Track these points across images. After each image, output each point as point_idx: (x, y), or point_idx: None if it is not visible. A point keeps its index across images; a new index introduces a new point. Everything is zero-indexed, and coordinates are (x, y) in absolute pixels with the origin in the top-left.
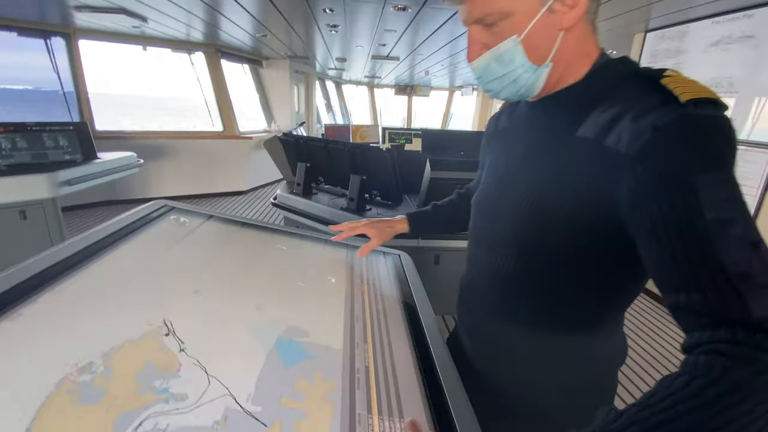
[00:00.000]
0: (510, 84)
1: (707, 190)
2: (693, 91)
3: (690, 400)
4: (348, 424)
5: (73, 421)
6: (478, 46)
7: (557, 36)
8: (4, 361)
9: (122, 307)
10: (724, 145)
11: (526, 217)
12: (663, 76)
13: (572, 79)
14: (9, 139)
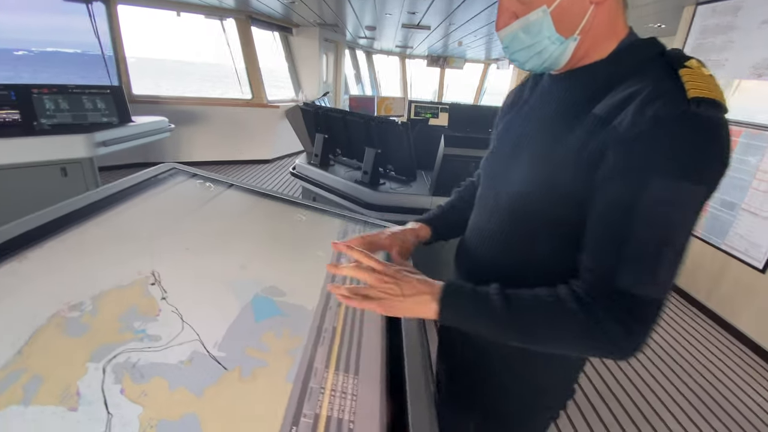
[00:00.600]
0: (535, 55)
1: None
2: (703, 89)
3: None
4: (303, 375)
5: (58, 348)
6: (507, 14)
7: (587, 10)
8: (7, 295)
9: (117, 257)
10: (708, 154)
11: (523, 191)
12: (683, 66)
13: (597, 55)
14: (52, 100)
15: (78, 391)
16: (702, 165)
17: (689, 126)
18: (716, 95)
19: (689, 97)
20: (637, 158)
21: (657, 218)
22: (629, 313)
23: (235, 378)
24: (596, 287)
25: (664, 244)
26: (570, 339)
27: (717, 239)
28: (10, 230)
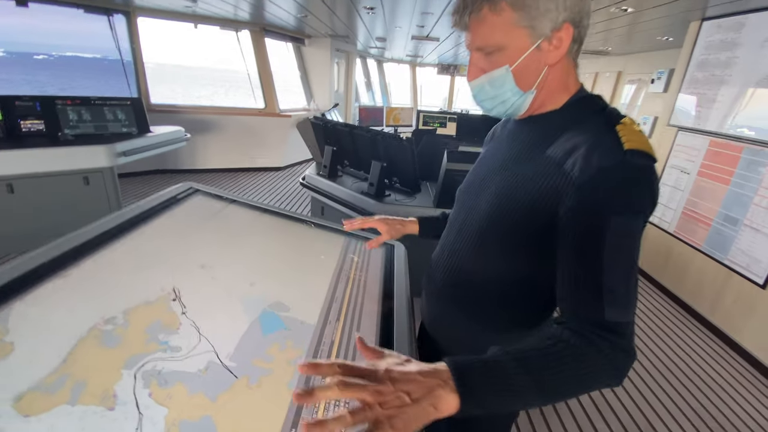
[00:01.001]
0: (500, 104)
1: (614, 232)
2: (635, 142)
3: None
4: (303, 383)
5: (97, 356)
6: (476, 68)
7: (542, 69)
8: (54, 308)
9: (143, 274)
10: (645, 192)
11: (492, 211)
12: (619, 122)
13: (552, 106)
14: (75, 112)
15: (114, 393)
16: (640, 201)
17: (627, 172)
18: (646, 147)
19: (625, 149)
20: (592, 202)
21: (617, 251)
22: (622, 339)
23: (244, 385)
24: (591, 322)
25: (629, 271)
26: (590, 379)
27: (720, 254)
28: (51, 250)
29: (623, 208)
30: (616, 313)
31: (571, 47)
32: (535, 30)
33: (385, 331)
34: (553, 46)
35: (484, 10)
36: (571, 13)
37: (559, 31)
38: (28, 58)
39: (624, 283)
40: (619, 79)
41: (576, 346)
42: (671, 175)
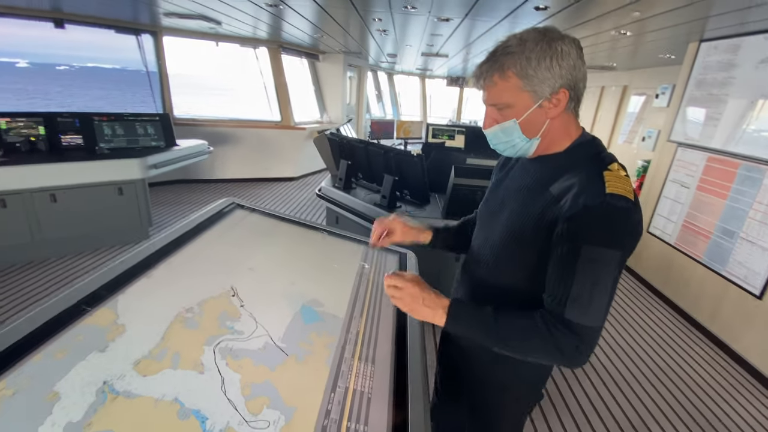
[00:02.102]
0: (510, 147)
1: (587, 256)
2: (617, 187)
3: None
4: (338, 361)
5: (184, 336)
6: (490, 119)
7: (545, 122)
8: (147, 300)
9: (206, 275)
10: (619, 229)
11: (505, 234)
12: (607, 168)
13: (556, 149)
14: (110, 127)
15: (202, 362)
16: (614, 237)
17: (605, 211)
18: (625, 192)
19: (607, 192)
20: (573, 231)
21: (587, 271)
22: (575, 335)
23: (293, 361)
24: (555, 315)
25: (593, 288)
26: (536, 348)
27: (718, 265)
28: (136, 256)
29: (597, 240)
30: (574, 314)
31: (569, 105)
32: (537, 93)
33: (401, 324)
34: (553, 104)
35: (495, 77)
36: (567, 81)
37: (557, 94)
38: (50, 68)
39: (587, 295)
40: (625, 93)
41: (536, 325)
42: (671, 189)
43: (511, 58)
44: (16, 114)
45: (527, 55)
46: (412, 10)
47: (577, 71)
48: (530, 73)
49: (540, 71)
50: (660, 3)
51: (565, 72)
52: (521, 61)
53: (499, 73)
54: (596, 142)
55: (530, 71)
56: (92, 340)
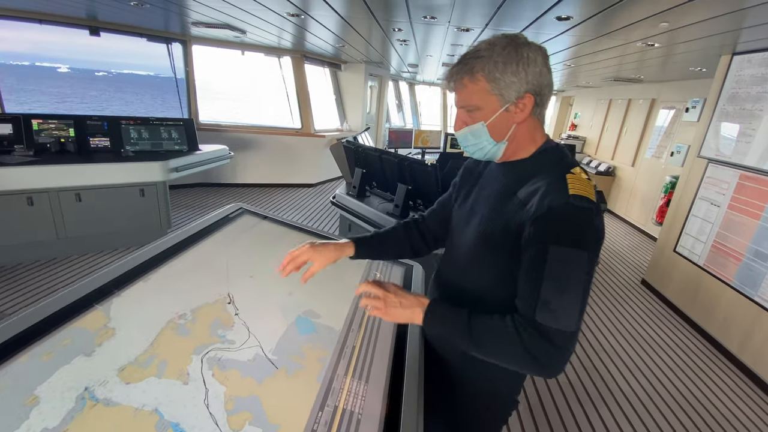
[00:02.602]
0: (479, 150)
1: (554, 257)
2: (579, 189)
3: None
4: (329, 377)
5: (174, 343)
6: (461, 121)
7: (511, 126)
8: (141, 304)
9: (204, 281)
10: (583, 229)
11: (476, 239)
12: (570, 172)
13: (522, 154)
14: (136, 130)
15: (188, 372)
16: (579, 237)
17: (569, 211)
18: (586, 193)
19: (570, 193)
20: (539, 232)
21: (556, 273)
22: (546, 340)
23: (282, 374)
24: (526, 319)
25: (563, 291)
26: (509, 353)
27: (750, 290)
28: (137, 258)
29: (563, 240)
30: (545, 317)
31: (534, 110)
32: (504, 97)
33: (400, 340)
34: (519, 109)
35: (464, 79)
36: (532, 86)
37: (522, 98)
38: (90, 74)
39: (557, 298)
40: (653, 106)
41: (507, 328)
42: (701, 207)
43: (480, 62)
44: (48, 116)
45: (495, 59)
46: (432, 20)
47: (542, 78)
48: (497, 76)
49: (507, 75)
50: (690, 14)
51: (531, 77)
52: (489, 64)
53: (469, 75)
54: (560, 148)
55: (497, 74)
56: (80, 344)
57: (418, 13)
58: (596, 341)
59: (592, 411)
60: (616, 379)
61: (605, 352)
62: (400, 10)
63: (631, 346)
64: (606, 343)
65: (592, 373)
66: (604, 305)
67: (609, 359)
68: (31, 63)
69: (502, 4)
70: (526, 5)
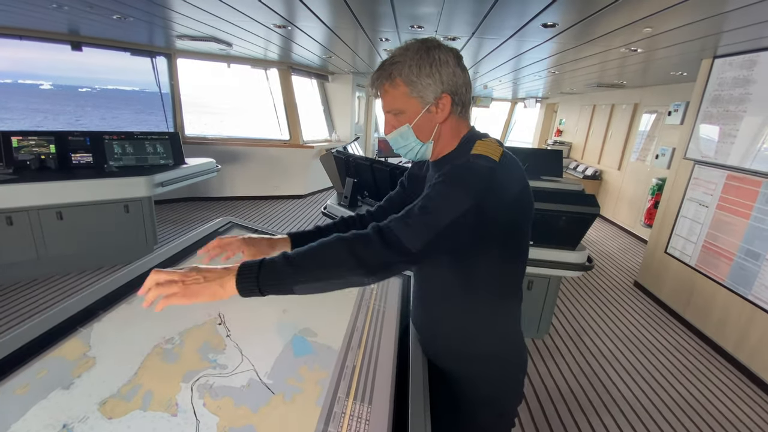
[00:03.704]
0: (409, 151)
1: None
2: (479, 150)
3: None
4: (330, 401)
5: (161, 371)
6: (389, 125)
7: (435, 126)
8: (124, 330)
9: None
10: (475, 178)
11: None
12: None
13: (449, 149)
14: (120, 145)
15: (176, 402)
16: (466, 181)
17: (466, 167)
18: (488, 153)
19: (471, 153)
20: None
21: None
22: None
23: (279, 400)
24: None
25: (424, 211)
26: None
27: (743, 289)
28: (119, 279)
29: (449, 179)
30: (396, 224)
31: (454, 109)
32: (423, 99)
33: (403, 357)
34: (439, 109)
35: (385, 85)
36: (448, 86)
37: (440, 99)
38: (74, 90)
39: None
40: (636, 111)
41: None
42: (690, 208)
43: (397, 67)
44: (27, 132)
45: (409, 64)
46: (418, 29)
47: (456, 78)
48: (414, 79)
49: (422, 78)
50: (672, 18)
51: (445, 78)
52: (405, 69)
53: (389, 81)
54: (480, 133)
55: (413, 78)
56: (57, 375)
57: (405, 22)
58: (594, 346)
59: (594, 417)
60: (617, 383)
61: (604, 357)
62: (387, 20)
63: (629, 350)
64: (604, 347)
65: (593, 378)
66: (599, 308)
67: (608, 364)
68: (14, 81)
69: (488, 13)
70: (512, 13)
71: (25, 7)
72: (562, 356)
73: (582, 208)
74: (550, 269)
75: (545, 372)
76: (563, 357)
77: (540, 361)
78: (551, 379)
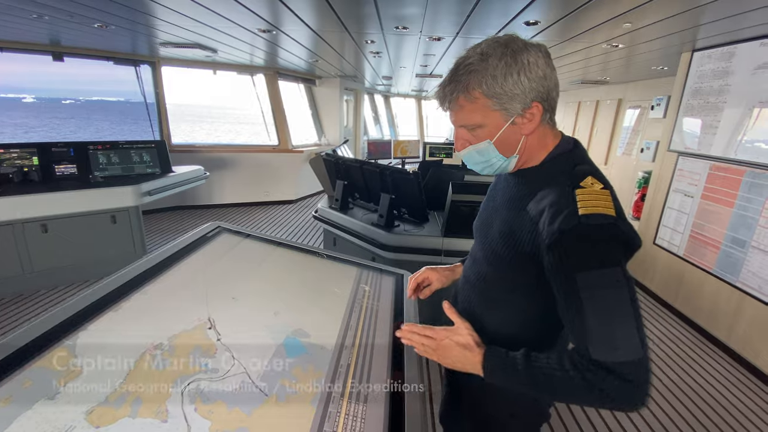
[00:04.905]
0: (488, 167)
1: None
2: (591, 206)
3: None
4: (325, 401)
5: (149, 377)
6: (462, 141)
7: (521, 138)
8: (111, 337)
9: (182, 306)
10: (605, 247)
11: (489, 252)
12: (579, 186)
13: (534, 162)
14: (105, 155)
15: (166, 408)
16: (603, 256)
17: (582, 234)
18: (599, 208)
19: (580, 213)
20: (559, 261)
21: (594, 301)
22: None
23: (273, 402)
24: (584, 358)
25: (611, 318)
26: (582, 398)
27: (731, 276)
28: (106, 286)
29: (587, 264)
30: (602, 353)
31: (544, 117)
32: (508, 111)
33: (397, 355)
34: (527, 119)
35: (460, 99)
36: (538, 93)
37: (529, 109)
38: (56, 103)
39: (606, 327)
40: (620, 106)
41: (572, 376)
42: (675, 199)
43: (475, 77)
44: (9, 145)
45: (492, 73)
46: (403, 30)
47: (548, 81)
48: (498, 91)
49: (508, 87)
50: (651, 13)
51: (535, 85)
52: (486, 79)
53: (465, 94)
54: (574, 153)
55: (497, 89)
56: (41, 386)
57: (390, 23)
58: None
59: (590, 409)
60: None
61: None
62: (372, 22)
63: None
64: None
65: None
66: None
67: None
68: None
69: (472, 12)
70: (494, 12)
71: (5, 18)
72: None
73: None
74: None
75: None
76: None
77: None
78: None
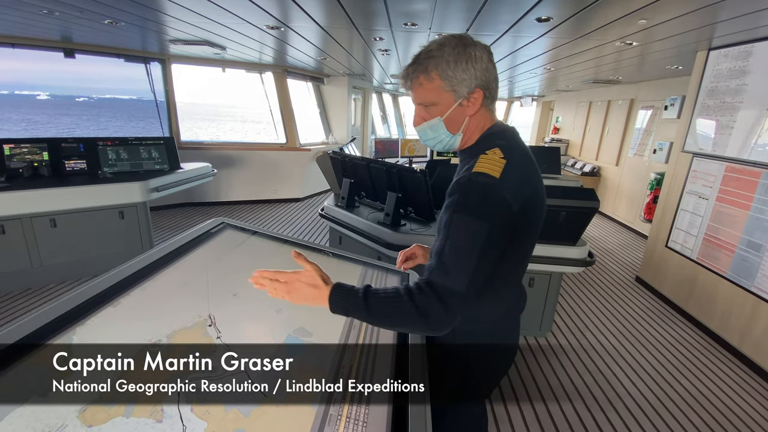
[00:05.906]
0: (438, 143)
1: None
2: (483, 167)
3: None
4: (326, 402)
5: (145, 377)
6: (419, 117)
7: (464, 119)
8: (108, 333)
9: (182, 302)
10: (479, 199)
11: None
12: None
13: (472, 141)
14: (114, 151)
15: (162, 408)
16: (473, 206)
17: (468, 186)
18: (488, 170)
19: (473, 171)
20: (447, 203)
21: (451, 236)
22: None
23: (272, 403)
24: (423, 280)
25: (455, 251)
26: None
27: (746, 281)
28: (105, 281)
29: (460, 208)
30: (437, 275)
31: (485, 102)
32: (457, 93)
33: (401, 355)
34: (470, 103)
35: (420, 78)
36: (481, 81)
37: (473, 93)
38: (71, 100)
39: (449, 257)
40: (632, 106)
41: (399, 295)
42: (689, 202)
43: (434, 61)
44: (20, 140)
45: (446, 59)
46: (412, 27)
47: (489, 74)
48: (450, 74)
49: (458, 73)
50: (667, 9)
51: (479, 74)
52: (441, 64)
53: (424, 74)
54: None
55: (450, 73)
56: (34, 383)
57: (399, 20)
58: (598, 343)
59: (600, 414)
60: (621, 380)
61: (608, 354)
62: (381, 18)
63: (633, 346)
64: (608, 344)
65: (597, 375)
66: (601, 305)
67: (613, 361)
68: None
69: (482, 8)
70: (505, 8)
71: (16, 13)
72: (565, 353)
73: (581, 202)
74: (552, 265)
75: (549, 370)
76: (566, 354)
77: (543, 359)
78: (555, 377)
